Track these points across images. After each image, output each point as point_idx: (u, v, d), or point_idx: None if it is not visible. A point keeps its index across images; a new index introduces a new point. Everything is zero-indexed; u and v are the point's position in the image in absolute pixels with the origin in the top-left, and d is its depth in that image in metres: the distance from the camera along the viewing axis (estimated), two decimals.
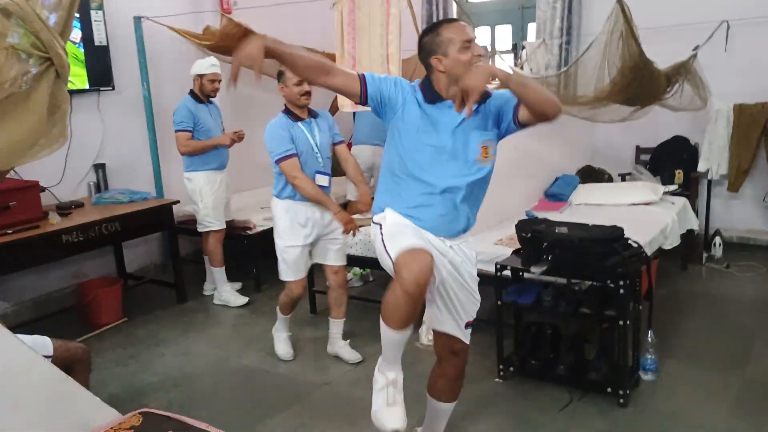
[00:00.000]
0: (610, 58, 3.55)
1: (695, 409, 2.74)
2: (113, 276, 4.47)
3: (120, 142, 4.58)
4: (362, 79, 1.99)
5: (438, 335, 2.22)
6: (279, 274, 3.26)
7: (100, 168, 4.42)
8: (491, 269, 3.06)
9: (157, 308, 4.22)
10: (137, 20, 4.46)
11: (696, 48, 4.09)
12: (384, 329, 1.94)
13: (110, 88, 4.44)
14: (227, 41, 4.49)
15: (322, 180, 3.15)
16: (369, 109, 2.08)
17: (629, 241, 2.79)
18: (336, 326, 3.37)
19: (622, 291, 2.66)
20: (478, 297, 2.20)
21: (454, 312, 2.15)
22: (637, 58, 3.42)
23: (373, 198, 2.22)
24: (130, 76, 4.56)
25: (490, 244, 3.45)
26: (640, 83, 3.53)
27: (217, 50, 4.61)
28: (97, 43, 4.30)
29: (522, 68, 5.10)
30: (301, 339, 3.61)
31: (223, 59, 4.41)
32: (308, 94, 3.07)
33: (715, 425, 2.62)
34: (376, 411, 1.95)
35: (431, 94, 2.02)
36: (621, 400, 2.75)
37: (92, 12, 4.25)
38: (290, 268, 3.20)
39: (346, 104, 3.67)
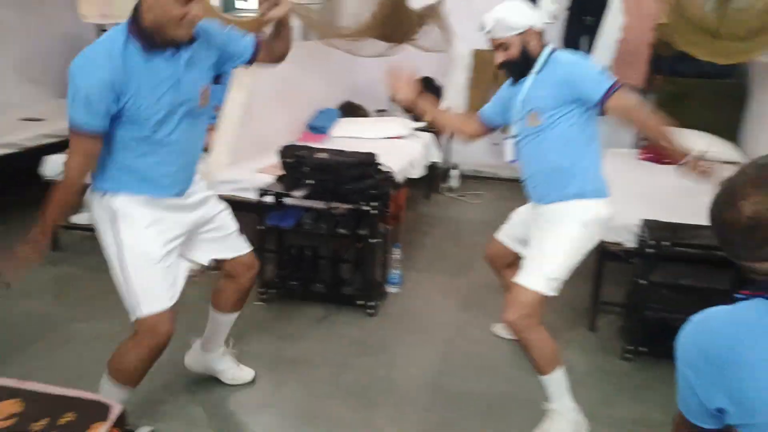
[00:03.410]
0: None
1: (431, 310, 3.21)
2: None
3: None
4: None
5: (227, 262, 2.24)
6: None
7: None
8: (254, 197, 3.09)
9: None
10: None
11: None
12: (117, 391, 1.97)
13: None
14: None
15: None
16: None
17: (380, 167, 3.04)
18: None
19: (374, 212, 2.91)
20: (220, 205, 2.22)
21: (229, 234, 2.21)
22: None
23: None
24: None
25: (253, 172, 3.45)
26: (395, 20, 3.78)
27: None
28: None
29: None
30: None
31: None
32: None
33: (446, 319, 3.11)
34: None
35: (147, 40, 1.79)
36: (370, 311, 3.06)
37: None
38: None
39: (91, 13, 3.23)
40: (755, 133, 4.13)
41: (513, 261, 2.59)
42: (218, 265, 2.25)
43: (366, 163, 2.93)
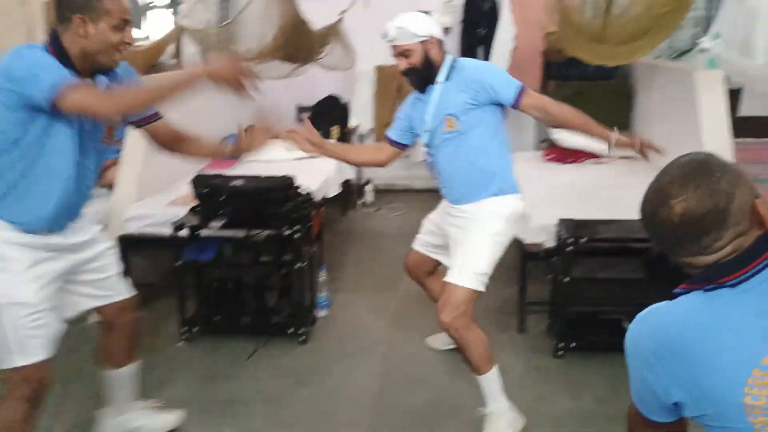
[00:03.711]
0: (270, 16, 3.66)
1: (363, 329, 3.16)
2: None
3: None
4: None
5: (102, 308, 2.07)
6: None
7: None
8: (167, 231, 2.93)
9: None
10: None
11: (342, 12, 4.48)
12: None
13: None
14: None
15: None
16: None
17: (299, 189, 2.97)
18: None
19: (297, 235, 2.83)
20: (106, 242, 2.07)
21: (108, 277, 2.05)
22: (294, 17, 3.60)
23: None
24: None
25: (164, 205, 3.27)
26: (298, 41, 3.74)
27: None
28: None
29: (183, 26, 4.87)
30: None
31: None
32: None
33: (379, 337, 3.07)
34: None
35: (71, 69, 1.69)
36: (301, 338, 2.97)
37: None
38: None
39: None
40: (643, 128, 4.43)
41: (433, 269, 2.64)
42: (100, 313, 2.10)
43: (284, 186, 2.85)
